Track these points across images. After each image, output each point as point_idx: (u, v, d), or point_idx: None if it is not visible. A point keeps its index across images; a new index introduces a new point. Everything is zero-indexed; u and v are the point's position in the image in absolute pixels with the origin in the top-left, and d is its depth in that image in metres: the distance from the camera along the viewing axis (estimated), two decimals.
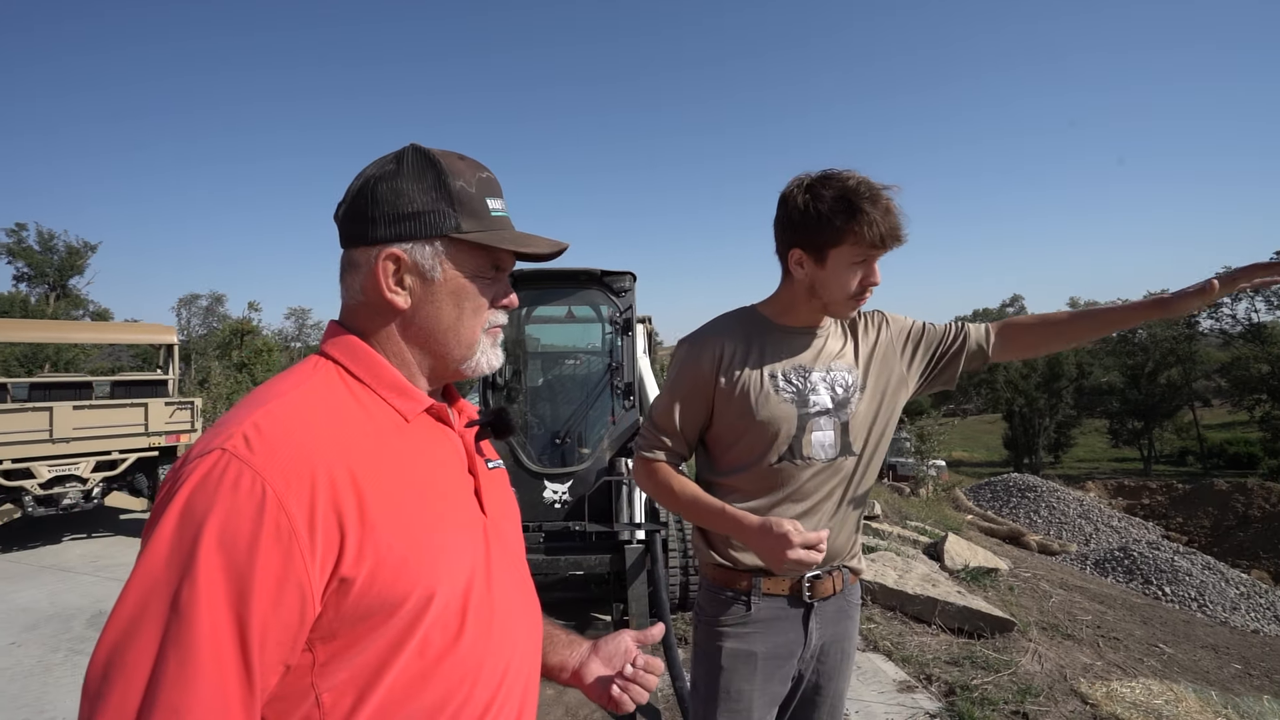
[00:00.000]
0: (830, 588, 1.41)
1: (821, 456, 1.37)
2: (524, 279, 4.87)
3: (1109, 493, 20.36)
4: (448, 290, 0.79)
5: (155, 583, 0.56)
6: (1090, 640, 4.78)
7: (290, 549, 0.59)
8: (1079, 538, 13.54)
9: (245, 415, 0.65)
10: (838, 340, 1.46)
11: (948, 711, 3.11)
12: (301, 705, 0.63)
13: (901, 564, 5.13)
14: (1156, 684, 3.79)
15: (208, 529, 0.57)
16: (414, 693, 0.67)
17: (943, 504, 13.26)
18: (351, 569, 0.63)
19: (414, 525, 0.70)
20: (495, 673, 0.75)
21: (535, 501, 4.62)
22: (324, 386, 0.73)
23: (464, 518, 0.79)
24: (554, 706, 3.41)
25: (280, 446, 0.63)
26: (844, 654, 1.48)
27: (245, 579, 0.57)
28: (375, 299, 0.77)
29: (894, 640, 3.96)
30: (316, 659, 0.63)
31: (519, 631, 0.82)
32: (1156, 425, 42.64)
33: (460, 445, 0.84)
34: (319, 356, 0.78)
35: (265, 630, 0.58)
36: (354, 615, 0.64)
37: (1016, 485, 16.44)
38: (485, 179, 0.82)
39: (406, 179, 0.77)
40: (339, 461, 0.65)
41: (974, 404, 54.23)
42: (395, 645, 0.66)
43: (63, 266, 34.52)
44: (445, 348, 0.81)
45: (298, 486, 0.61)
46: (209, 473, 0.60)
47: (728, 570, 1.42)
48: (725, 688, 1.41)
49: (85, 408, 6.63)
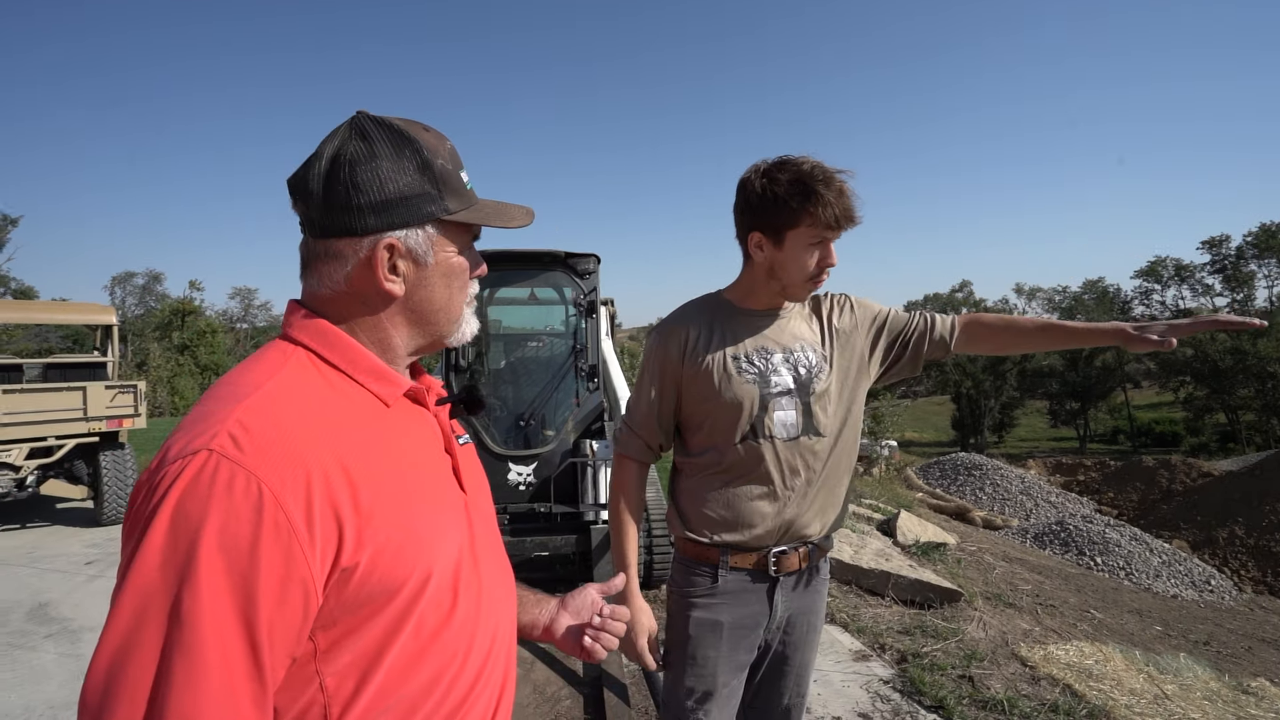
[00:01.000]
0: (796, 563, 1.46)
1: (784, 435, 1.41)
2: (487, 260, 4.78)
3: (1048, 470, 21.49)
4: (440, 272, 0.79)
5: (151, 592, 0.55)
6: (1030, 608, 5.08)
7: (291, 547, 0.59)
8: (1020, 513, 14.27)
9: (226, 412, 0.63)
10: (802, 322, 1.50)
11: (900, 678, 3.28)
12: (306, 691, 0.64)
13: (856, 540, 5.33)
14: (1088, 646, 4.07)
15: (206, 533, 0.56)
16: (413, 670, 0.69)
17: (895, 482, 13.76)
18: (351, 559, 0.64)
19: (406, 510, 0.70)
20: (484, 642, 0.78)
21: (500, 484, 4.61)
22: (299, 375, 0.71)
23: (448, 497, 0.80)
24: (522, 684, 3.45)
25: (271, 444, 0.62)
26: (810, 626, 1.54)
27: (250, 581, 0.57)
28: (365, 289, 0.75)
29: (850, 612, 4.13)
30: (319, 647, 0.64)
31: (502, 600, 0.85)
32: (1092, 406, 45.07)
33: (436, 425, 0.85)
34: (286, 343, 0.75)
35: (273, 629, 0.58)
36: (354, 602, 0.65)
37: (963, 464, 17.16)
38: (452, 150, 0.81)
39: (386, 160, 0.73)
40: (329, 454, 0.65)
41: (924, 386, 56.17)
42: (394, 627, 0.67)
43: None
44: (436, 326, 0.82)
45: (293, 484, 0.61)
46: (198, 475, 0.58)
47: (698, 544, 1.47)
48: (692, 654, 1.47)
49: (16, 391, 6.26)
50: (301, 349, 0.74)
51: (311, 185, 0.73)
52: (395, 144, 0.74)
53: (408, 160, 0.74)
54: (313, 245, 0.76)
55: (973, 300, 50.97)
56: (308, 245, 0.77)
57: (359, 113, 0.77)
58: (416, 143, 0.75)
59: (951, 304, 51.71)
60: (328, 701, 0.64)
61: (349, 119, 0.76)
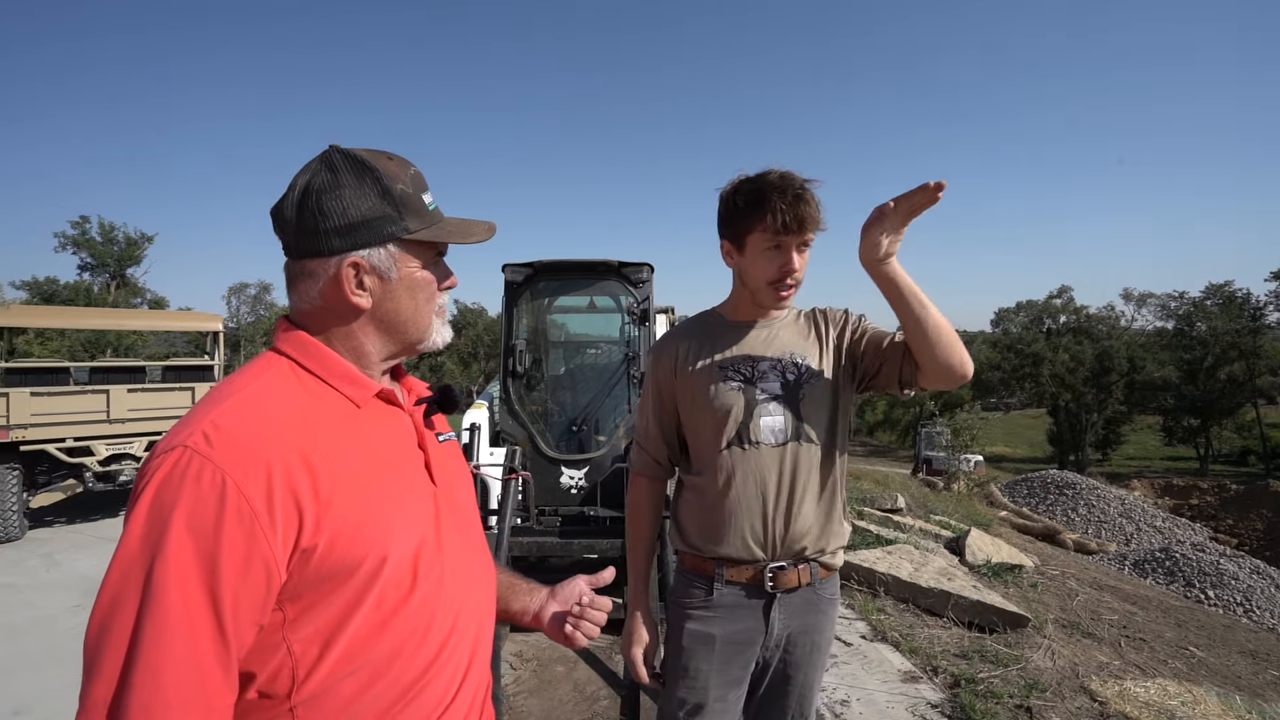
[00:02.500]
0: (795, 580, 1.43)
1: (771, 441, 1.41)
2: (546, 270, 4.98)
3: (1155, 492, 19.59)
4: (404, 286, 0.87)
5: (131, 563, 0.66)
6: (1112, 640, 4.69)
7: (253, 529, 0.68)
8: (1119, 537, 13.09)
9: (205, 413, 0.74)
10: (794, 332, 1.51)
11: (950, 703, 3.13)
12: (276, 655, 0.73)
13: (919, 557, 5.10)
14: (1175, 685, 3.71)
15: (176, 517, 0.66)
16: (373, 640, 0.77)
17: (975, 500, 12.99)
18: (311, 540, 0.72)
19: (366, 497, 0.79)
20: (446, 621, 0.85)
21: (552, 487, 4.74)
22: (276, 381, 0.81)
23: (414, 488, 0.88)
24: (563, 682, 3.55)
25: (235, 440, 0.71)
26: (814, 646, 1.49)
27: (214, 558, 0.66)
28: (336, 303, 0.84)
29: (903, 632, 3.97)
30: (286, 616, 0.73)
31: (470, 584, 0.92)
32: (1215, 423, 40.59)
33: (409, 423, 0.93)
34: (273, 353, 0.85)
35: (236, 598, 0.68)
36: (316, 578, 0.73)
37: (1054, 482, 15.94)
38: (415, 175, 0.88)
39: (349, 189, 0.82)
40: (292, 448, 0.74)
41: (1017, 398, 52.56)
42: (354, 602, 0.76)
43: (122, 257, 36.29)
44: (405, 334, 0.90)
45: (254, 475, 0.70)
46: (174, 468, 0.68)
47: (695, 556, 1.49)
48: (684, 665, 1.48)
49: (138, 391, 7.07)
50: (284, 358, 0.84)
51: (286, 213, 0.83)
52: (357, 173, 0.83)
53: (369, 187, 0.83)
54: (291, 266, 0.86)
55: (1072, 307, 47.19)
56: (288, 266, 0.86)
57: (330, 147, 0.86)
58: (376, 171, 0.83)
59: (1048, 311, 48.09)
60: (295, 664, 0.73)
61: (320, 154, 0.85)
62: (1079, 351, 42.52)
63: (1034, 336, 46.44)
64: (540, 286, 5.12)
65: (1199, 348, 40.84)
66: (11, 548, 6.37)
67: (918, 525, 7.16)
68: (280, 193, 0.85)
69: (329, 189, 0.82)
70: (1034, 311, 48.99)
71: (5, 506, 6.34)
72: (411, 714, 0.80)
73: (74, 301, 30.60)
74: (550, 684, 3.53)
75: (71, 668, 3.81)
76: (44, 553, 6.24)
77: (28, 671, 3.85)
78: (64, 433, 6.61)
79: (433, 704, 0.83)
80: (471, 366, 42.23)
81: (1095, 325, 45.60)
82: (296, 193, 0.83)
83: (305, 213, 0.82)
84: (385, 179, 0.84)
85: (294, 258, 0.85)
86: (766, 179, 1.38)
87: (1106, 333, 44.57)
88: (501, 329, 5.12)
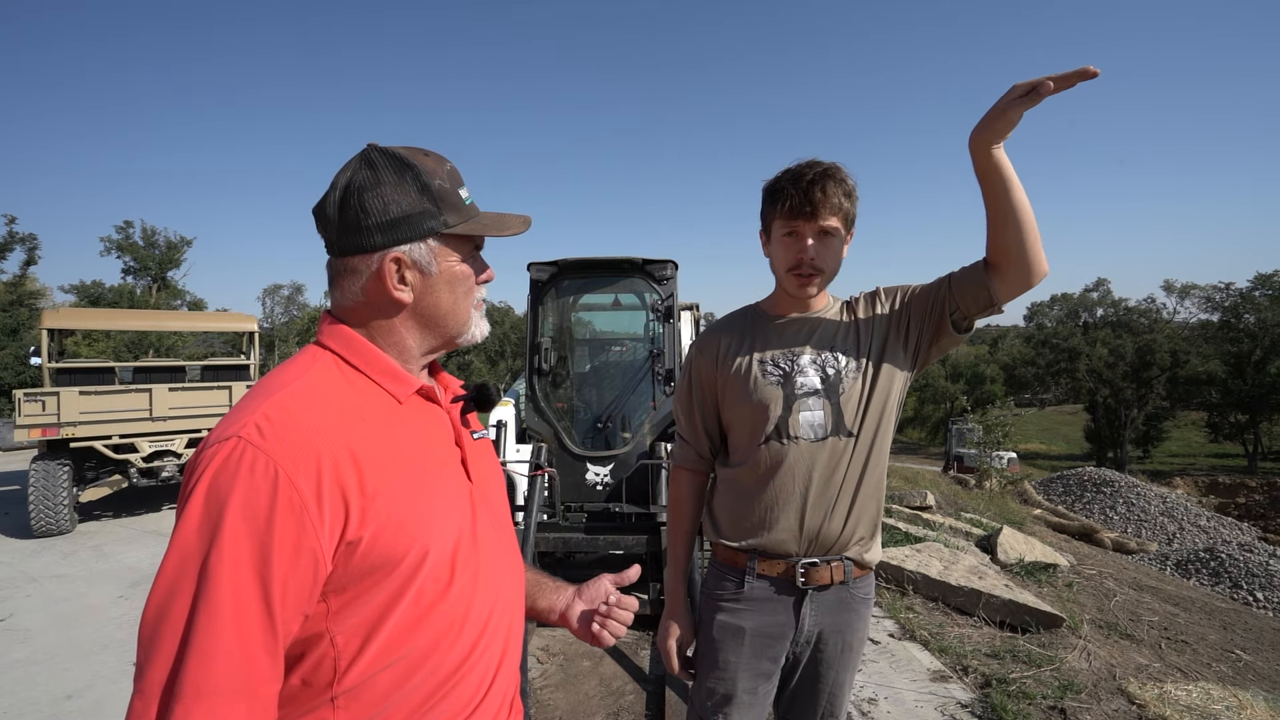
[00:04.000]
0: (827, 577, 1.42)
1: (810, 436, 1.40)
2: (570, 268, 5.01)
3: (1200, 490, 18.92)
4: (444, 280, 0.89)
5: (189, 551, 0.67)
6: (1152, 641, 4.55)
7: (303, 519, 0.70)
8: (1161, 536, 12.67)
9: (256, 405, 0.75)
10: (833, 324, 1.49)
11: (980, 703, 3.08)
12: (320, 645, 0.75)
13: (949, 556, 5.02)
14: (1219, 689, 3.59)
15: (231, 505, 0.67)
16: (411, 634, 0.79)
17: (1008, 497, 12.69)
18: (356, 533, 0.74)
19: (408, 493, 0.80)
20: (480, 617, 0.87)
21: (578, 483, 4.78)
22: (323, 375, 0.82)
23: (452, 485, 0.89)
24: (589, 677, 3.58)
25: (287, 433, 0.72)
26: (845, 645, 1.48)
27: (266, 545, 0.68)
28: (378, 298, 0.86)
29: (932, 631, 3.91)
30: (330, 608, 0.74)
31: (502, 581, 0.93)
32: (1264, 419, 38.95)
33: (447, 420, 0.95)
34: (317, 347, 0.86)
35: (285, 586, 0.69)
36: (360, 571, 0.75)
37: (1091, 480, 15.49)
38: (451, 170, 0.90)
39: (389, 186, 0.83)
40: (340, 442, 0.75)
41: (1052, 394, 51.14)
42: (395, 595, 0.77)
43: (163, 260, 37.51)
44: (445, 328, 0.92)
45: (305, 466, 0.71)
46: (228, 458, 0.69)
47: (728, 549, 1.49)
48: (714, 657, 1.49)
49: (179, 390, 7.31)
50: (329, 353, 0.85)
51: (329, 212, 0.84)
52: (397, 170, 0.84)
53: (409, 184, 0.84)
54: (334, 264, 0.87)
55: (1110, 300, 45.72)
56: (331, 264, 0.88)
57: (368, 145, 0.87)
58: (416, 168, 0.85)
59: (1085, 304, 46.67)
60: (337, 655, 0.75)
61: (359, 152, 0.87)
62: (1118, 345, 41.20)
63: (1070, 331, 45.16)
64: (565, 284, 5.15)
65: (1246, 340, 39.24)
66: (63, 540, 6.66)
67: (947, 523, 7.03)
68: (315, 193, 0.87)
69: (370, 186, 0.83)
70: (1070, 305, 47.59)
71: (57, 501, 6.60)
72: (446, 707, 0.82)
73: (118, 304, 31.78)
74: (577, 678, 3.56)
75: (117, 654, 4.00)
76: (93, 545, 6.50)
77: (77, 658, 4.02)
78: (110, 430, 6.86)
79: (466, 698, 0.84)
80: (499, 364, 42.69)
81: (1135, 318, 44.15)
82: (338, 191, 0.84)
83: (348, 210, 0.83)
84: (424, 175, 0.85)
85: (337, 255, 0.86)
86: (789, 168, 1.40)
87: (1148, 326, 43.09)
88: (527, 327, 5.16)
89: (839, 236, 1.41)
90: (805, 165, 1.39)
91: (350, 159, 0.86)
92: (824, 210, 1.36)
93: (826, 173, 1.36)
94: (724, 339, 1.52)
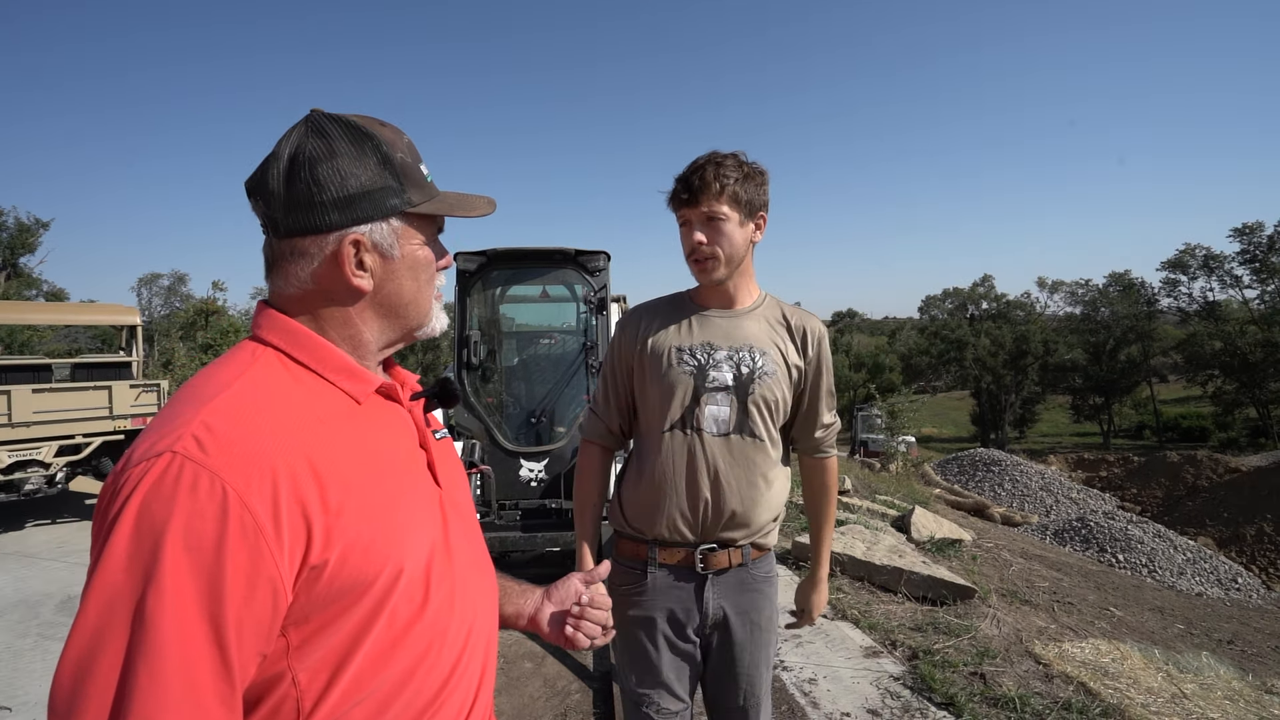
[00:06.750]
0: (725, 561, 1.46)
1: (713, 430, 1.43)
2: (499, 258, 4.84)
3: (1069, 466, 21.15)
4: (407, 265, 0.79)
5: (116, 593, 0.55)
6: (1046, 605, 5.02)
7: (258, 546, 0.59)
8: (1040, 509, 14.08)
9: (191, 413, 0.63)
10: (761, 326, 1.50)
11: (910, 674, 3.27)
12: (279, 686, 0.64)
13: (870, 536, 5.30)
14: (1105, 644, 4.01)
15: (170, 534, 0.56)
16: (385, 663, 0.69)
17: (912, 479, 13.63)
18: (320, 556, 0.63)
19: (376, 506, 0.70)
20: (459, 635, 0.78)
21: (512, 480, 4.65)
22: (267, 375, 0.71)
23: (421, 492, 0.80)
24: (532, 679, 3.49)
25: (234, 444, 0.61)
26: (753, 625, 1.49)
27: (216, 580, 0.57)
28: (332, 285, 0.75)
29: (861, 609, 4.12)
30: (290, 643, 0.64)
31: (478, 593, 0.85)
32: (1116, 401, 44.10)
33: (410, 420, 0.85)
34: (255, 343, 0.75)
35: (240, 626, 0.58)
36: (325, 598, 0.65)
37: (982, 460, 16.97)
38: (410, 144, 0.80)
39: (346, 157, 0.73)
40: (297, 453, 0.65)
41: (944, 381, 55.41)
42: (367, 621, 0.67)
43: (13, 244, 32.98)
44: (406, 319, 0.82)
45: (258, 483, 0.60)
46: (162, 477, 0.58)
47: (630, 541, 1.50)
48: (635, 653, 1.49)
49: (45, 390, 6.45)
50: (270, 349, 0.74)
51: (272, 185, 0.72)
52: (354, 139, 0.74)
53: (368, 155, 0.74)
54: (277, 245, 0.75)
55: (994, 295, 50.02)
56: (271, 246, 0.76)
57: (314, 110, 0.76)
58: (376, 138, 0.75)
59: (973, 299, 50.75)
60: (300, 696, 0.64)
61: (304, 118, 0.75)
62: (999, 336, 45.17)
63: (958, 323, 49.02)
64: (494, 275, 4.98)
65: (1102, 331, 44.19)
66: None
67: (865, 505, 7.44)
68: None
69: (324, 157, 0.72)
70: (960, 299, 51.61)
71: None
72: None
73: None
74: (519, 681, 3.47)
75: None
76: None
77: None
78: None
79: None
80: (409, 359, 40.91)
81: (1013, 311, 48.54)
82: (283, 162, 0.72)
83: (297, 184, 0.71)
84: (385, 146, 0.75)
85: (282, 236, 0.74)
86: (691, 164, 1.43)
87: (1023, 318, 47.50)
88: (454, 319, 4.94)
89: (731, 220, 1.40)
90: (700, 159, 1.42)
91: (293, 126, 0.74)
92: (705, 196, 1.38)
93: (710, 160, 1.39)
94: (647, 320, 1.53)
